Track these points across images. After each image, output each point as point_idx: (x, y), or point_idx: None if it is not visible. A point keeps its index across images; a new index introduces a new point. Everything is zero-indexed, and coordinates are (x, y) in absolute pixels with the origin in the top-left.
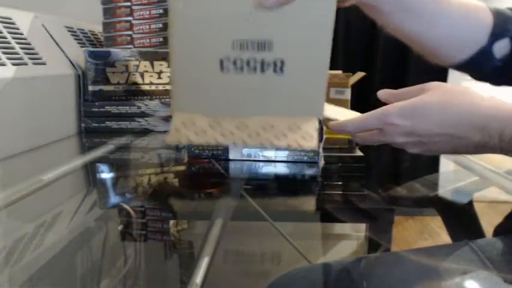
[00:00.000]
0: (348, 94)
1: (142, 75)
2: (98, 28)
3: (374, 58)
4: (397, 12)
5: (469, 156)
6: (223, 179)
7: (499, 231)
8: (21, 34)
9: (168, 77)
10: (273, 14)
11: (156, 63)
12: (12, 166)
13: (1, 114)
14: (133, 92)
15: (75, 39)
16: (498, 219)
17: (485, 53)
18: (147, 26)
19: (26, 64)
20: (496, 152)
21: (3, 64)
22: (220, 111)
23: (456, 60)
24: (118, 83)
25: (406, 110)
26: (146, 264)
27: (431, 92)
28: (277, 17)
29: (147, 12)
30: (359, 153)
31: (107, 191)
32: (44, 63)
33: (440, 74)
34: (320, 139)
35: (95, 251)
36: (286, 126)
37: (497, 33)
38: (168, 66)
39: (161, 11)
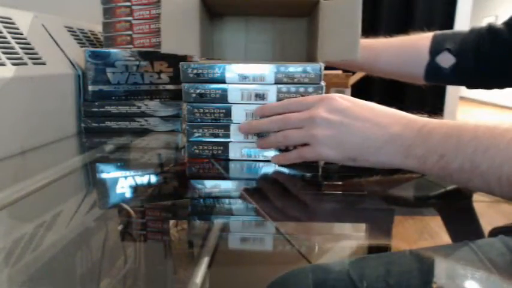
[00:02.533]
0: (347, 94)
1: (142, 75)
2: (98, 28)
3: None
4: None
5: None
6: (222, 178)
7: (497, 231)
8: (21, 34)
9: (169, 77)
10: None
11: (156, 63)
12: (12, 166)
13: (0, 114)
14: (133, 92)
15: (75, 39)
16: (498, 219)
17: (433, 66)
18: (147, 26)
19: (25, 64)
20: (402, 154)
21: (3, 64)
22: None
23: (419, 76)
24: (118, 83)
25: (341, 95)
26: (146, 264)
27: None
28: None
29: (147, 12)
30: None
31: (107, 191)
32: (43, 63)
33: None
34: None
35: (94, 251)
36: None
37: (434, 50)
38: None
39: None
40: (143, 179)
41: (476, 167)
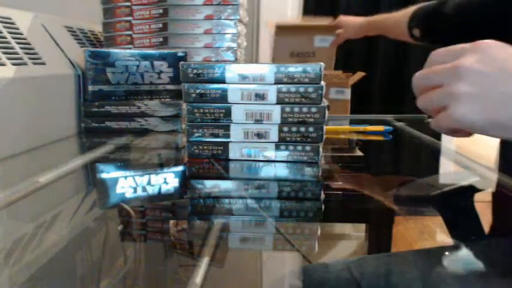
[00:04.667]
0: (348, 94)
1: (142, 75)
2: (98, 28)
3: (374, 58)
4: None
5: (469, 156)
6: (222, 178)
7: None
8: (21, 34)
9: (169, 77)
10: None
11: (156, 63)
12: (12, 166)
13: (0, 114)
14: (133, 92)
15: (75, 39)
16: (498, 219)
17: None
18: (147, 26)
19: (25, 64)
20: None
21: (3, 64)
22: None
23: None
24: (118, 83)
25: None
26: (146, 264)
27: None
28: None
29: (147, 12)
30: (359, 153)
31: (107, 191)
32: (43, 63)
33: None
34: (320, 139)
35: (94, 252)
36: None
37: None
38: None
39: (161, 11)
40: (143, 179)
41: None
